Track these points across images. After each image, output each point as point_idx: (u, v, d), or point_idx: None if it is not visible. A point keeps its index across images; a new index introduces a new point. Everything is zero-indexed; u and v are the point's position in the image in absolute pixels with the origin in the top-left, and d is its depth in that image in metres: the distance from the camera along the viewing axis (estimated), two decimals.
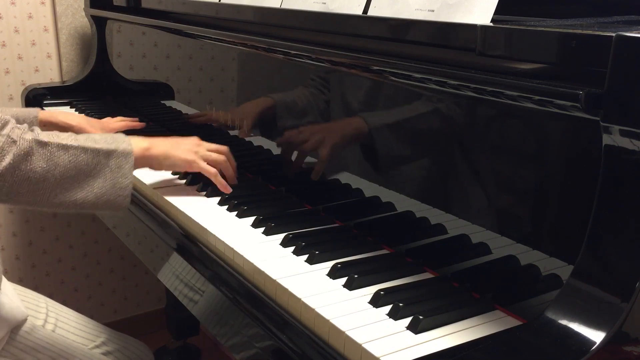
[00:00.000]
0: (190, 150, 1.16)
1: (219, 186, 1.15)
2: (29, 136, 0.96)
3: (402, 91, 0.95)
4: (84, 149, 1.00)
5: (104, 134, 1.07)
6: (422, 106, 0.92)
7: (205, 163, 1.15)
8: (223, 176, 1.17)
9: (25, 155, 0.95)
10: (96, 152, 1.01)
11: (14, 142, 0.95)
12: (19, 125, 0.97)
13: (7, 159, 0.94)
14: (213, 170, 1.15)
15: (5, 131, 0.95)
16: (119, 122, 1.53)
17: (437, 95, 0.88)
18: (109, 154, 1.02)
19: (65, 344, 1.25)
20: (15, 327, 1.16)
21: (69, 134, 1.03)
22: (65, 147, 0.98)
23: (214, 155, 1.17)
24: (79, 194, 1.00)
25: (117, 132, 1.44)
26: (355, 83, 1.03)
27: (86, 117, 1.50)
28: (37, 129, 1.00)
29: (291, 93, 1.19)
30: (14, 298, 1.20)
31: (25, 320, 1.18)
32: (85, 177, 1.00)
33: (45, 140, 0.98)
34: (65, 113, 1.46)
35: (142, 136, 1.15)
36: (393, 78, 0.93)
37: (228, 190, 1.15)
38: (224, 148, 1.21)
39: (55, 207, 1.00)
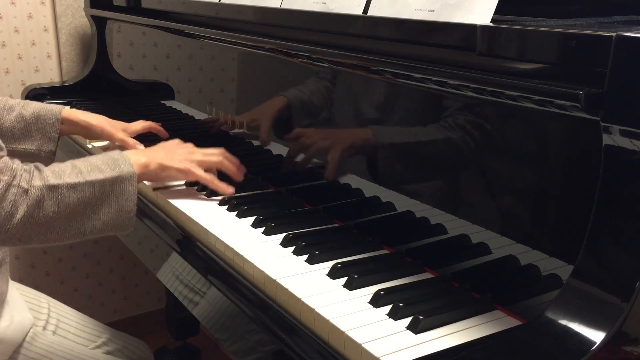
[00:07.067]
0: (185, 159, 1.15)
1: (218, 190, 1.14)
2: (38, 182, 0.94)
3: (403, 92, 0.95)
4: (91, 183, 0.98)
5: (102, 155, 1.05)
6: (422, 107, 0.92)
7: (202, 170, 1.15)
8: (225, 178, 1.17)
9: (38, 203, 0.93)
10: (102, 184, 0.99)
11: (25, 191, 0.93)
12: (25, 167, 0.95)
13: (21, 211, 0.92)
14: (209, 176, 1.15)
15: (16, 181, 0.92)
16: (142, 123, 1.45)
17: (437, 95, 0.88)
18: (113, 181, 1.00)
19: (67, 347, 1.24)
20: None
21: (72, 166, 1.00)
22: (73, 186, 0.97)
23: (211, 159, 1.17)
24: (87, 224, 0.99)
25: (138, 134, 1.41)
26: (355, 82, 1.03)
27: (107, 118, 1.44)
28: (42, 169, 0.97)
29: (294, 92, 1.19)
30: (22, 308, 1.19)
31: (29, 330, 1.18)
32: (92, 208, 0.99)
33: (55, 183, 0.95)
34: (85, 113, 1.43)
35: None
36: (393, 78, 0.93)
37: (229, 191, 1.14)
38: (219, 150, 1.20)
39: (66, 240, 0.99)
